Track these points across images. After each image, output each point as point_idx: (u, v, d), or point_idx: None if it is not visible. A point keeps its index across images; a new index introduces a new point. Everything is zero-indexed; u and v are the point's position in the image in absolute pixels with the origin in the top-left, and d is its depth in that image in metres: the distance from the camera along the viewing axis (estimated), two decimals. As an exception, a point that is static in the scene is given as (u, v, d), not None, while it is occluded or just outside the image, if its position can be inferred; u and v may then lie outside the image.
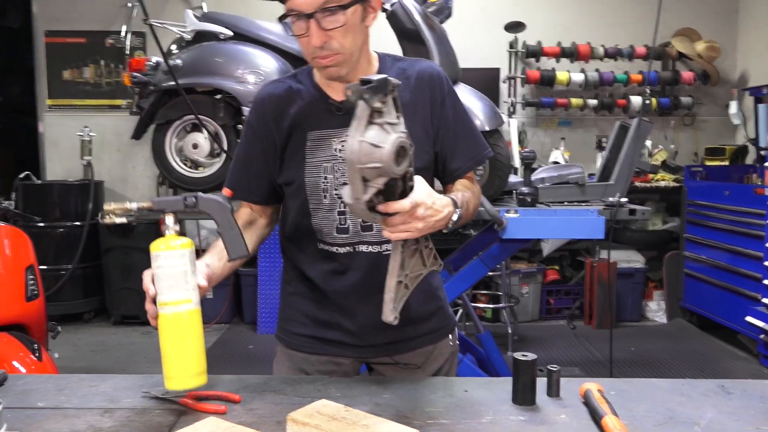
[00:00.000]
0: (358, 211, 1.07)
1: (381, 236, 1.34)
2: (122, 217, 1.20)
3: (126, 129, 5.03)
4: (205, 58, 2.92)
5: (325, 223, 1.35)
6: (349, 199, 1.06)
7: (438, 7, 2.87)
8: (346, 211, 1.33)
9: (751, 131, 4.91)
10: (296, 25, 1.24)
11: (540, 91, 5.19)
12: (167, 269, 1.11)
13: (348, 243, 1.35)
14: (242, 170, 1.42)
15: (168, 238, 1.14)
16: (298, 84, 1.38)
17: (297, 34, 1.25)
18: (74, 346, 4.25)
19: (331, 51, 1.24)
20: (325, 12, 1.21)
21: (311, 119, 1.35)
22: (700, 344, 4.32)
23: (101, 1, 5.08)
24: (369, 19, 1.29)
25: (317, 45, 1.23)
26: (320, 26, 1.22)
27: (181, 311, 1.12)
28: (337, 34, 1.23)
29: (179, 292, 1.12)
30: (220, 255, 1.28)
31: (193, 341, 1.13)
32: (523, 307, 4.79)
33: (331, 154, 1.33)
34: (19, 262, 2.42)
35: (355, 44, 1.27)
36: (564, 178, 2.96)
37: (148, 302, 1.14)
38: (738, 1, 5.28)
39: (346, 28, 1.23)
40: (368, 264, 1.35)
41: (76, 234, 4.68)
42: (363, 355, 1.44)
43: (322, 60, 1.26)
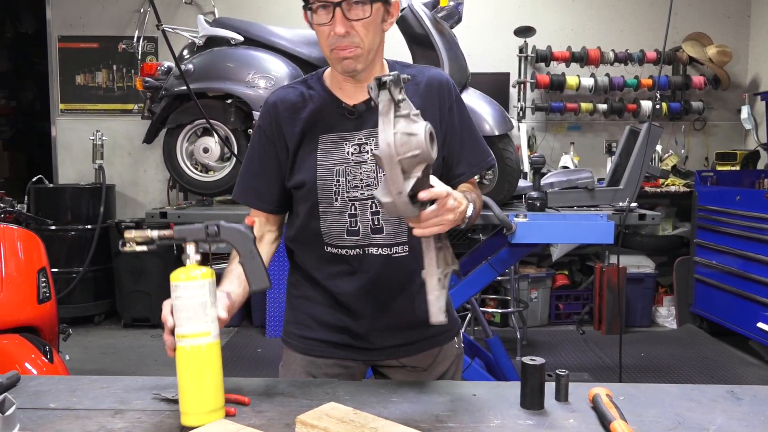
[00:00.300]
0: (400, 206, 1.05)
1: (391, 239, 1.35)
2: (142, 245, 1.16)
3: (137, 133, 5.08)
4: (217, 63, 2.94)
5: (336, 225, 1.35)
6: (388, 196, 1.04)
7: (448, 11, 2.87)
8: (356, 214, 1.34)
9: (762, 136, 4.88)
10: (320, 13, 1.27)
11: (550, 96, 5.19)
12: (186, 300, 1.09)
13: (358, 245, 1.36)
14: (253, 176, 1.42)
15: (188, 268, 1.12)
16: (309, 89, 1.40)
17: (320, 22, 1.27)
18: (85, 349, 4.28)
19: (352, 43, 1.27)
20: (351, 2, 1.25)
21: (323, 123, 1.36)
22: (711, 350, 4.29)
23: (114, 6, 5.13)
24: (387, 23, 1.34)
25: (341, 33, 1.25)
26: (345, 16, 1.25)
27: (200, 344, 1.09)
28: (360, 27, 1.27)
29: (198, 324, 1.09)
30: (239, 281, 1.27)
31: (212, 376, 1.11)
32: (532, 312, 4.77)
33: (343, 157, 1.34)
34: (31, 264, 2.44)
35: (373, 42, 1.30)
36: (573, 183, 2.95)
37: (167, 333, 1.12)
38: (749, 5, 5.26)
39: (368, 22, 1.27)
40: (378, 266, 1.36)
41: (87, 237, 4.72)
42: (371, 357, 1.45)
43: (342, 51, 1.28)
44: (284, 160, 1.39)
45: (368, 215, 1.34)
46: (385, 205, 1.06)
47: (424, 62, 2.80)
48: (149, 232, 1.15)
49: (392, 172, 1.03)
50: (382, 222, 1.35)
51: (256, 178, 1.42)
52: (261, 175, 1.41)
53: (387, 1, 1.32)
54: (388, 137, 1.02)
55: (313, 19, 1.29)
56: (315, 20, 1.29)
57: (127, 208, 5.22)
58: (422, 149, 1.03)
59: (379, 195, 1.06)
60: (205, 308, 1.10)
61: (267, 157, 1.40)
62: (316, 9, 1.27)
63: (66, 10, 5.15)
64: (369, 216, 1.34)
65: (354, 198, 1.34)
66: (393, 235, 1.35)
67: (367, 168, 1.33)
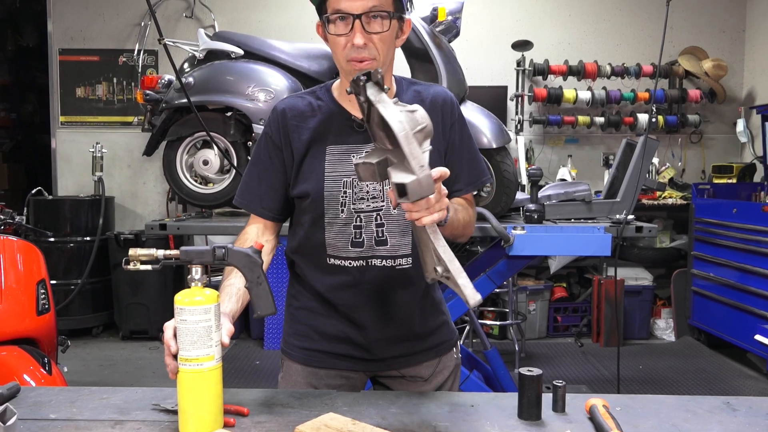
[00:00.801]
0: (425, 181, 1.03)
1: (395, 251, 1.37)
2: (146, 264, 1.15)
3: (137, 145, 5.11)
4: (217, 76, 2.97)
5: (340, 237, 1.37)
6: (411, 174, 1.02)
7: (446, 26, 2.90)
8: (361, 226, 1.36)
9: (758, 149, 4.91)
10: (339, 24, 1.30)
11: (547, 109, 5.22)
12: (191, 324, 1.08)
13: (361, 257, 1.37)
14: (256, 181, 1.43)
15: (193, 291, 1.11)
16: (318, 99, 1.42)
17: (339, 32, 1.30)
18: (83, 361, 4.27)
19: (369, 55, 1.30)
20: (370, 15, 1.28)
21: (331, 134, 1.38)
22: (709, 363, 4.29)
23: (115, 20, 5.17)
24: (399, 40, 1.37)
25: (360, 44, 1.28)
26: (364, 28, 1.28)
27: (203, 368, 1.09)
28: (377, 40, 1.30)
29: (202, 348, 1.09)
30: (237, 297, 1.28)
31: (213, 399, 1.11)
32: (530, 325, 4.78)
33: (351, 169, 1.35)
34: (30, 276, 2.45)
35: (387, 56, 1.34)
36: (571, 196, 2.97)
37: (169, 357, 1.12)
38: (744, 20, 5.31)
39: (384, 36, 1.31)
40: (381, 278, 1.37)
41: (86, 249, 4.73)
42: (371, 368, 1.46)
43: (358, 63, 1.30)
44: (290, 168, 1.40)
45: (373, 227, 1.36)
46: (410, 186, 1.02)
47: (422, 75, 2.83)
48: (154, 252, 1.15)
49: (411, 148, 1.03)
50: (386, 234, 1.36)
51: (259, 184, 1.43)
52: (264, 181, 1.42)
53: (402, 18, 1.35)
54: (398, 116, 1.03)
55: (330, 29, 1.31)
56: (332, 30, 1.31)
57: (126, 220, 5.23)
58: (426, 122, 1.06)
59: (400, 179, 1.03)
60: (210, 333, 1.09)
61: (272, 164, 1.41)
62: (335, 20, 1.30)
63: (67, 23, 5.19)
64: (374, 228, 1.36)
65: (360, 210, 1.36)
66: (397, 247, 1.37)
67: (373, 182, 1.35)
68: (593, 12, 5.26)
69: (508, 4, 5.23)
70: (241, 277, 1.22)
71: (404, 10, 1.36)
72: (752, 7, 5.25)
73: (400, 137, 1.02)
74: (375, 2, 1.28)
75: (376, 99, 1.05)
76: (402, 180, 1.03)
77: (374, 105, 1.06)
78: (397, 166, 1.05)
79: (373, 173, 1.10)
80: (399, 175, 1.04)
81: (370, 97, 1.06)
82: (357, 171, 1.12)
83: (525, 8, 5.24)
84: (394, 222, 1.36)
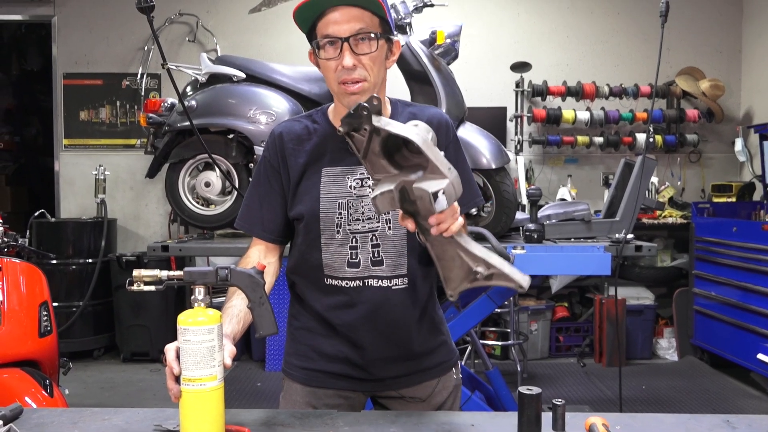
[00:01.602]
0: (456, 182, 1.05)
1: (391, 271, 1.38)
2: (150, 285, 1.17)
3: (139, 167, 5.14)
4: (219, 100, 3.01)
5: (337, 257, 1.38)
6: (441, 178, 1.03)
7: (445, 49, 2.95)
8: (357, 246, 1.37)
9: (757, 168, 4.93)
10: (328, 49, 1.33)
11: (546, 129, 5.26)
12: (194, 345, 1.09)
13: (357, 277, 1.38)
14: (257, 204, 1.45)
15: (196, 311, 1.12)
16: (314, 123, 1.45)
17: (328, 57, 1.33)
18: (84, 383, 4.26)
19: (359, 77, 1.33)
20: (358, 38, 1.31)
21: (326, 156, 1.40)
22: (712, 382, 4.27)
23: (119, 44, 5.24)
24: (390, 61, 1.40)
25: (349, 65, 1.31)
26: (352, 50, 1.31)
27: (205, 388, 1.10)
28: (366, 61, 1.33)
29: (205, 369, 1.09)
30: (238, 318, 1.29)
31: (215, 419, 1.12)
32: (532, 345, 4.76)
33: (346, 190, 1.38)
34: (33, 298, 2.45)
35: (378, 77, 1.36)
36: (570, 215, 2.99)
37: (171, 380, 1.12)
38: (740, 40, 5.37)
39: (374, 57, 1.33)
40: (377, 298, 1.38)
41: (88, 271, 4.73)
42: (370, 388, 1.46)
43: (350, 86, 1.33)
44: (287, 190, 1.42)
45: (369, 248, 1.37)
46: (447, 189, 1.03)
47: (422, 98, 2.87)
48: (159, 273, 1.17)
49: (433, 152, 1.04)
50: (382, 254, 1.38)
51: (259, 207, 1.45)
52: (265, 204, 1.45)
53: (390, 40, 1.38)
54: (409, 129, 1.05)
55: (321, 54, 1.34)
56: (323, 55, 1.34)
57: (128, 242, 5.25)
58: (431, 129, 1.08)
59: (435, 187, 1.04)
60: (213, 353, 1.10)
61: (271, 187, 1.44)
62: (324, 45, 1.33)
63: (72, 48, 5.26)
64: (369, 248, 1.38)
65: (356, 231, 1.37)
66: (393, 268, 1.38)
67: (368, 201, 1.37)
68: (591, 34, 5.32)
69: (506, 26, 5.30)
70: (243, 298, 1.23)
71: (392, 32, 1.39)
72: (748, 28, 5.31)
73: (422, 146, 1.04)
74: (361, 24, 1.31)
75: (383, 124, 1.07)
76: (438, 187, 1.04)
77: (385, 129, 1.07)
78: (420, 179, 1.05)
79: (392, 201, 1.10)
80: (430, 184, 1.04)
81: (377, 124, 1.07)
82: (375, 205, 1.12)
83: (523, 30, 5.31)
84: (389, 243, 1.38)
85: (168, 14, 5.09)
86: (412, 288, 1.39)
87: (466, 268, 1.14)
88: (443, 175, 1.04)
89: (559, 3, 5.31)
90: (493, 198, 2.86)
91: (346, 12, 1.30)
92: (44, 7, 5.23)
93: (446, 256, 1.16)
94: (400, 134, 1.06)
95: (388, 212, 1.35)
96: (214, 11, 5.22)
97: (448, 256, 1.15)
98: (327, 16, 1.31)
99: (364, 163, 1.15)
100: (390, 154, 1.11)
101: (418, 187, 1.06)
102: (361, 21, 1.31)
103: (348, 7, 1.31)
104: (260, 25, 5.20)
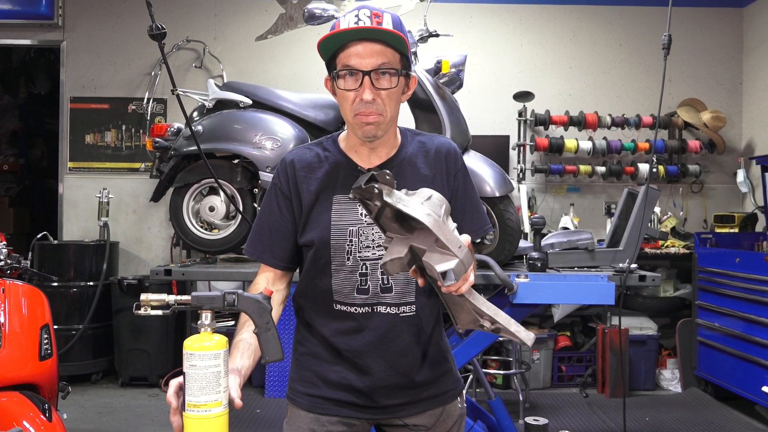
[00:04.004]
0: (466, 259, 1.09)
1: (399, 298, 1.39)
2: (158, 310, 1.17)
3: (143, 191, 5.16)
4: (225, 125, 3.03)
5: (346, 284, 1.39)
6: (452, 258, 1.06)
7: (449, 78, 2.98)
8: (367, 273, 1.38)
9: (759, 199, 4.94)
10: (348, 80, 1.34)
11: (549, 158, 5.29)
12: (200, 370, 1.09)
13: (367, 303, 1.39)
14: (267, 232, 1.45)
15: (203, 337, 1.12)
16: (325, 150, 1.46)
17: (348, 88, 1.34)
18: (81, 408, 4.22)
19: (376, 110, 1.34)
20: (379, 72, 1.32)
21: (337, 183, 1.41)
22: (717, 415, 4.22)
23: (126, 70, 5.30)
24: (405, 95, 1.41)
25: (368, 99, 1.32)
26: (373, 84, 1.32)
27: (210, 414, 1.10)
28: (385, 96, 1.34)
29: (210, 394, 1.09)
30: (249, 352, 1.29)
31: None
32: (534, 374, 4.72)
33: (356, 218, 1.38)
34: (35, 320, 2.44)
35: (394, 111, 1.38)
36: (573, 244, 2.99)
37: (174, 414, 1.12)
38: (741, 72, 5.42)
39: (392, 93, 1.35)
40: (386, 325, 1.38)
41: (89, 294, 4.72)
42: (374, 416, 1.45)
43: (366, 117, 1.34)
44: (298, 218, 1.43)
45: (378, 275, 1.38)
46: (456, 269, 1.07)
47: (426, 126, 2.89)
48: (166, 297, 1.17)
49: (444, 233, 1.06)
50: (391, 282, 1.38)
51: (270, 234, 1.45)
52: (274, 231, 1.45)
53: (408, 75, 1.39)
54: (422, 209, 1.06)
55: (340, 84, 1.35)
56: (342, 85, 1.35)
57: (130, 265, 5.24)
58: (443, 201, 1.10)
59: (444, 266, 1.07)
60: (219, 378, 1.10)
61: (282, 214, 1.44)
62: (344, 75, 1.34)
63: (79, 72, 5.32)
64: (379, 275, 1.38)
65: (365, 258, 1.38)
66: (401, 295, 1.39)
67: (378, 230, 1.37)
68: (593, 64, 5.38)
69: (510, 56, 5.36)
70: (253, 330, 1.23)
71: (411, 68, 1.41)
72: (748, 61, 5.37)
73: (433, 228, 1.06)
74: (384, 59, 1.33)
75: (395, 200, 1.08)
76: (447, 267, 1.07)
77: (395, 206, 1.08)
78: (431, 253, 1.07)
79: (402, 266, 1.13)
80: (440, 264, 1.07)
81: (387, 200, 1.09)
82: (385, 269, 1.15)
83: (526, 60, 5.37)
84: None
85: (176, 41, 5.16)
86: (419, 315, 1.40)
87: (473, 318, 1.17)
88: (453, 255, 1.06)
89: (562, 34, 5.38)
90: (497, 226, 2.86)
91: (369, 46, 1.32)
92: (54, 32, 5.31)
93: (454, 302, 1.19)
94: (411, 215, 1.07)
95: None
96: (221, 38, 5.30)
97: (456, 303, 1.18)
98: (350, 47, 1.32)
99: (377, 223, 1.16)
100: (402, 219, 1.13)
101: (428, 263, 1.08)
102: (384, 56, 1.32)
103: (372, 41, 1.32)
104: (266, 52, 5.27)
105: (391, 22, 1.34)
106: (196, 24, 5.28)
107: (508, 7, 5.37)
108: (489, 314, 1.13)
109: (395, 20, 1.35)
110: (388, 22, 1.33)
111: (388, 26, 1.32)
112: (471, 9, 5.33)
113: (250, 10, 5.30)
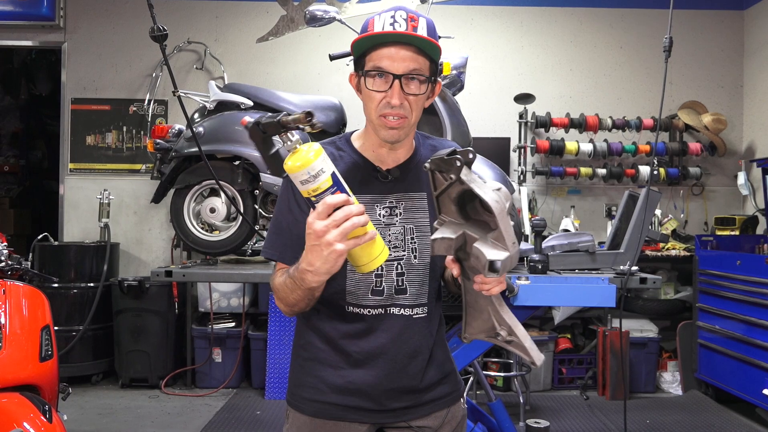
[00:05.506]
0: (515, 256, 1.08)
1: (413, 300, 1.39)
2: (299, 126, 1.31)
3: (144, 192, 5.17)
4: (226, 127, 3.04)
5: (361, 285, 1.38)
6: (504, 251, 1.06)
7: (451, 80, 2.98)
8: (382, 274, 1.38)
9: (760, 201, 4.94)
10: (377, 81, 1.33)
11: (550, 160, 5.29)
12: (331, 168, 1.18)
13: (380, 305, 1.38)
14: (287, 231, 1.42)
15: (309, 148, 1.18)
16: (339, 150, 1.44)
17: (377, 89, 1.34)
18: (81, 409, 4.22)
19: (402, 113, 1.33)
20: (409, 77, 1.32)
21: (355, 184, 1.39)
22: (717, 418, 4.22)
23: (127, 71, 5.31)
24: (428, 101, 1.41)
25: (397, 103, 1.32)
26: (402, 88, 1.32)
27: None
28: (411, 100, 1.34)
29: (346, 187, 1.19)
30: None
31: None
32: (534, 376, 4.71)
33: (374, 218, 1.37)
34: (35, 322, 2.44)
35: (417, 116, 1.38)
36: (574, 246, 2.98)
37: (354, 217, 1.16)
38: (742, 75, 5.43)
39: (419, 99, 1.35)
40: (398, 326, 1.38)
41: (89, 295, 4.72)
42: (381, 420, 1.44)
43: (392, 120, 1.34)
44: None
45: (393, 276, 1.38)
46: (504, 262, 1.06)
47: (427, 128, 2.89)
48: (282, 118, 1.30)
49: (505, 224, 1.06)
50: (406, 283, 1.38)
51: (289, 233, 1.41)
52: (294, 229, 1.41)
53: (435, 82, 1.39)
54: (493, 195, 1.07)
55: (368, 84, 1.34)
56: (370, 85, 1.34)
57: (130, 266, 5.24)
58: (509, 197, 1.10)
59: (493, 255, 1.06)
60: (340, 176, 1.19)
61: (301, 212, 1.41)
62: (374, 75, 1.33)
63: (81, 73, 5.32)
64: (394, 277, 1.38)
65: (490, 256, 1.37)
66: (415, 297, 1.39)
67: (396, 230, 1.38)
68: (594, 67, 5.39)
69: (510, 58, 5.37)
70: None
71: (438, 75, 1.40)
72: (749, 63, 5.37)
73: (498, 216, 1.06)
74: (416, 65, 1.32)
75: (469, 179, 1.09)
76: (496, 257, 1.06)
77: (467, 185, 1.08)
78: (483, 241, 1.07)
79: (449, 248, 1.13)
80: (490, 252, 1.06)
81: (464, 177, 1.09)
82: (432, 245, 1.15)
83: (527, 63, 5.37)
84: (414, 271, 1.39)
85: (177, 42, 5.17)
86: (430, 317, 1.40)
87: (490, 325, 1.17)
88: (506, 248, 1.06)
89: (563, 36, 5.38)
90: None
91: (403, 50, 1.31)
92: (55, 34, 5.31)
93: (476, 306, 1.18)
94: (482, 197, 1.07)
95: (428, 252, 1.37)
96: (222, 40, 5.30)
97: (478, 307, 1.17)
98: (383, 49, 1.32)
99: (436, 201, 1.16)
100: (462, 204, 1.12)
101: (479, 248, 1.07)
102: (416, 62, 1.32)
103: (406, 46, 1.32)
104: (267, 54, 5.27)
105: (426, 28, 1.33)
106: (198, 25, 5.29)
107: (509, 10, 5.37)
108: (509, 324, 1.13)
109: (429, 26, 1.35)
110: (423, 27, 1.33)
111: (423, 32, 1.32)
112: (472, 11, 5.33)
113: (251, 11, 5.30)
